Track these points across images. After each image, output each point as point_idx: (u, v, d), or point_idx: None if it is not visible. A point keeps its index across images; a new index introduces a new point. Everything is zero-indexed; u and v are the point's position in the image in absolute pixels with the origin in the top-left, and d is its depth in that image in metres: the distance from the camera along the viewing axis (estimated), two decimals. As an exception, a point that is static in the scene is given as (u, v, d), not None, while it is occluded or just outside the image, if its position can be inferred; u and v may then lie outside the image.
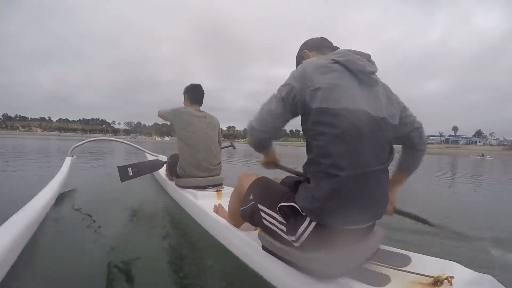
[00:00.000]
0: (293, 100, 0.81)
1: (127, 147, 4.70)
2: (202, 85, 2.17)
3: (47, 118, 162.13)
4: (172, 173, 2.20)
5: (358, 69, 0.80)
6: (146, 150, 3.71)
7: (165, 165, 2.51)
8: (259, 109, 0.86)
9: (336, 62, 0.82)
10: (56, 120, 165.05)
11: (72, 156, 2.75)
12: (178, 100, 2.24)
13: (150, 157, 3.74)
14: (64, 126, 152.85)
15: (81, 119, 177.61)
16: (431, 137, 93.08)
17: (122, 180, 2.17)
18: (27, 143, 13.02)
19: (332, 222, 0.76)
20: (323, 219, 0.76)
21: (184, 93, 2.18)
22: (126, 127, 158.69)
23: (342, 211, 0.75)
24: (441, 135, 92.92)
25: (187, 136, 2.00)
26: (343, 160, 0.73)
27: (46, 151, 8.00)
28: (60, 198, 2.00)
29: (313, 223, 0.77)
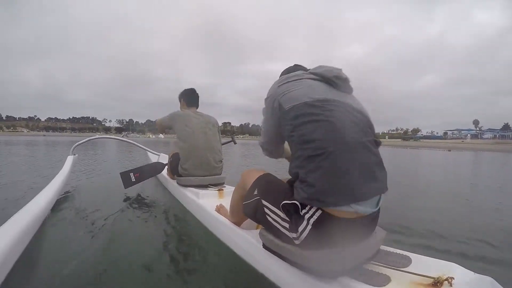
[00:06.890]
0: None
1: (126, 144, 4.68)
2: (196, 81, 2.26)
3: (35, 117, 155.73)
4: (174, 172, 2.22)
5: (335, 75, 0.89)
6: (147, 149, 3.74)
7: (167, 164, 2.52)
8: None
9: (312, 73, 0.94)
10: (45, 119, 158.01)
11: (74, 155, 2.74)
12: (170, 96, 2.29)
13: (150, 155, 3.78)
14: (53, 125, 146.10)
15: (71, 117, 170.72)
16: (463, 131, 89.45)
17: (126, 186, 2.22)
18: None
19: (338, 202, 0.74)
20: (327, 202, 0.74)
21: (180, 98, 2.29)
22: (118, 125, 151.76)
23: (341, 187, 0.74)
24: (479, 129, 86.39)
25: (187, 135, 2.04)
26: (326, 140, 0.77)
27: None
28: (61, 198, 2.02)
29: (312, 222, 0.77)
